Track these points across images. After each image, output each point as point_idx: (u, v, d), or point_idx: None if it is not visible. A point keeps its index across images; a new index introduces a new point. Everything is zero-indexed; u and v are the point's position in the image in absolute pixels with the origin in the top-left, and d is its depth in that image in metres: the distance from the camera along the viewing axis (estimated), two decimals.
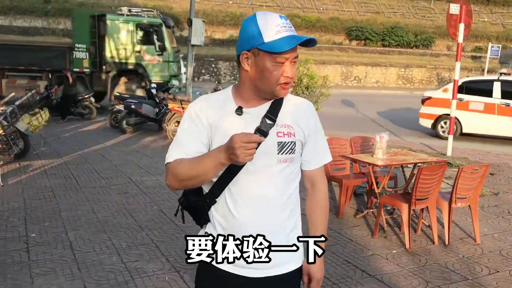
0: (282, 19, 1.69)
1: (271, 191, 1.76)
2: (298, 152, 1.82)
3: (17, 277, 3.74)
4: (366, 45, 36.72)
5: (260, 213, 1.75)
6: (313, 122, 1.85)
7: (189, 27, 12.89)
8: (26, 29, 28.52)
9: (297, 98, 1.90)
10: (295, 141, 1.78)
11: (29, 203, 5.61)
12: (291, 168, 1.80)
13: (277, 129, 1.75)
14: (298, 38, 1.66)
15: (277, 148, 1.74)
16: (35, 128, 8.35)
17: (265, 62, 1.67)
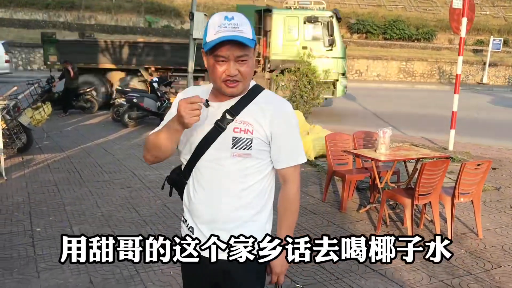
0: (225, 20, 1.77)
1: (225, 182, 1.87)
2: (259, 149, 1.87)
3: (24, 271, 3.77)
4: (367, 39, 36.62)
5: (212, 200, 1.89)
6: (279, 123, 1.88)
7: (190, 20, 12.82)
8: (27, 22, 28.48)
9: (273, 99, 1.95)
10: (252, 138, 1.85)
11: (33, 197, 5.64)
12: (249, 163, 1.87)
13: (235, 125, 1.85)
14: (226, 38, 1.73)
15: (231, 142, 1.85)
16: (38, 122, 8.37)
17: (209, 61, 1.82)
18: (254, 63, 1.88)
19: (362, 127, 10.70)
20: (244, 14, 1.82)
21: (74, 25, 29.23)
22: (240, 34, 1.76)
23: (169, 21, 33.70)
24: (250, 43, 1.78)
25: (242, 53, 1.78)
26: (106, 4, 32.73)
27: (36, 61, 24.90)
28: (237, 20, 1.78)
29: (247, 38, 1.77)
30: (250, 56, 1.82)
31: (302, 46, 13.05)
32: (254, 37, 1.83)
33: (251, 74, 1.86)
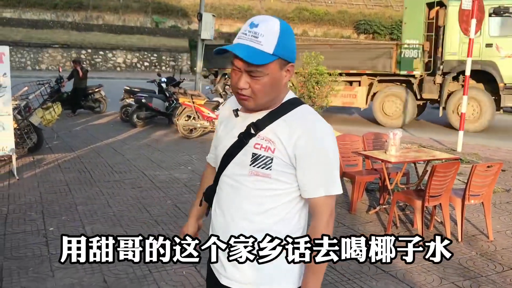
0: (249, 27, 1.60)
1: (240, 202, 1.72)
2: (280, 170, 1.66)
3: (38, 270, 3.82)
4: (374, 39, 36.61)
5: (226, 219, 1.75)
6: (306, 144, 1.63)
7: (199, 21, 12.91)
8: (35, 22, 28.68)
9: (306, 116, 1.71)
10: (272, 157, 1.65)
11: (46, 197, 5.70)
12: (268, 185, 1.67)
13: (257, 141, 1.68)
14: (229, 48, 1.58)
15: (250, 158, 1.68)
16: (48, 122, 8.44)
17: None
18: (279, 80, 1.65)
19: (372, 129, 10.72)
20: (413, 8, 1.48)
21: (82, 25, 29.40)
22: (255, 46, 1.57)
23: (176, 21, 33.85)
24: (258, 59, 1.56)
25: (253, 68, 1.58)
26: (113, 4, 32.92)
27: (44, 61, 25.08)
28: (261, 28, 1.57)
29: (259, 52, 1.56)
30: (266, 72, 1.59)
31: (486, 43, 11.29)
32: (279, 51, 1.59)
33: (266, 91, 1.63)
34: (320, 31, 36.90)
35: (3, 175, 6.59)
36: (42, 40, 25.29)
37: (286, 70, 1.66)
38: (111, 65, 26.53)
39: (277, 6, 37.12)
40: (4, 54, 6.28)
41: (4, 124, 6.37)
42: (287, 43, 1.61)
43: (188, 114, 9.95)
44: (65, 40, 26.06)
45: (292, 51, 1.65)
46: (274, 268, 1.69)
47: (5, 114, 6.37)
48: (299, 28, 36.56)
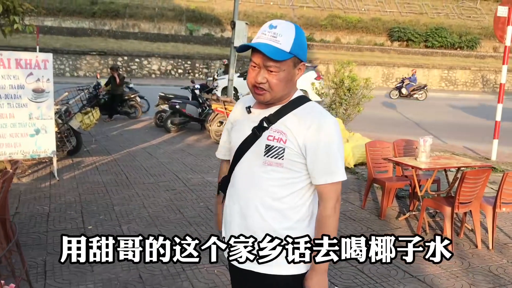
0: (268, 28, 1.79)
1: (255, 190, 1.87)
2: (291, 160, 1.82)
3: (78, 265, 4.01)
4: (408, 46, 36.22)
5: (241, 207, 1.91)
6: (314, 135, 1.80)
7: (232, 29, 13.11)
8: (74, 30, 29.61)
9: (314, 110, 1.87)
10: (284, 147, 1.81)
11: (84, 197, 5.95)
12: (281, 174, 1.83)
13: (269, 133, 1.84)
14: (253, 44, 1.76)
15: (264, 149, 1.84)
16: (87, 126, 8.76)
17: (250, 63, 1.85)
18: (292, 76, 1.84)
19: (402, 136, 10.66)
20: None
21: (118, 33, 30.19)
22: (274, 44, 1.75)
23: (209, 29, 34.33)
24: (278, 55, 1.74)
25: (272, 63, 1.76)
26: (149, 12, 33.68)
27: (82, 68, 25.84)
28: (279, 29, 1.77)
29: (277, 49, 1.74)
30: (282, 68, 1.78)
31: None
32: (295, 49, 1.78)
33: (282, 86, 1.81)
34: (353, 38, 36.73)
35: (44, 176, 6.90)
36: (80, 48, 26.07)
37: (298, 68, 1.85)
38: (146, 72, 27.11)
39: (309, 14, 37.18)
40: (47, 61, 6.59)
41: (46, 128, 6.68)
42: (301, 44, 1.81)
43: (220, 120, 10.15)
44: (103, 47, 26.80)
45: (304, 51, 1.84)
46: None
47: (47, 118, 6.68)
48: (331, 35, 36.51)
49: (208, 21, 34.49)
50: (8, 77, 6.30)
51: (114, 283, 3.75)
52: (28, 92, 6.45)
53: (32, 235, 4.65)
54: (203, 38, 32.02)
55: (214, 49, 29.54)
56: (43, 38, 25.40)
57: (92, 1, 33.10)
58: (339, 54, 30.79)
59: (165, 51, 27.89)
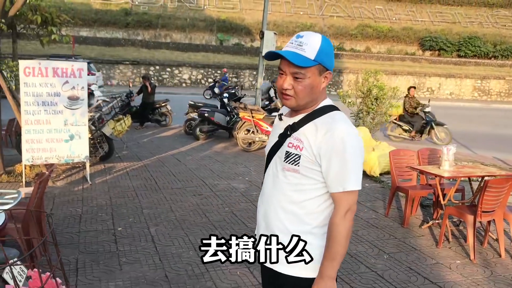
0: (295, 37, 1.90)
1: (275, 193, 1.99)
2: (307, 167, 1.89)
3: (108, 264, 4.23)
4: (440, 56, 35.74)
5: (265, 208, 2.05)
6: (328, 144, 1.85)
7: (261, 39, 13.31)
8: (109, 40, 30.44)
9: (332, 120, 1.90)
10: (300, 154, 1.89)
11: (115, 201, 6.19)
12: (298, 180, 1.92)
13: (290, 140, 1.94)
14: (277, 51, 1.88)
15: (284, 156, 1.95)
16: (119, 133, 9.06)
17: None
18: (317, 84, 1.90)
19: (430, 145, 10.61)
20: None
21: (151, 43, 30.88)
22: (299, 52, 1.84)
23: (239, 39, 34.74)
24: (302, 62, 1.82)
25: (297, 70, 1.85)
26: (181, 23, 34.34)
27: (115, 77, 26.55)
28: (305, 39, 1.86)
29: (302, 57, 1.83)
30: (307, 75, 1.86)
31: None
32: (319, 58, 1.85)
33: (307, 92, 1.89)
34: (383, 48, 36.51)
35: (78, 180, 7.19)
36: (114, 57, 26.82)
37: (324, 76, 1.92)
38: (177, 81, 27.64)
39: (340, 23, 37.19)
40: (82, 69, 6.91)
41: (80, 134, 6.98)
42: (327, 52, 1.88)
43: (248, 128, 10.32)
44: (135, 57, 27.49)
45: (330, 60, 1.91)
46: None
47: (81, 125, 6.98)
48: (362, 45, 36.39)
49: (238, 31, 34.91)
50: (46, 85, 6.63)
51: (141, 281, 3.92)
52: (64, 99, 6.76)
53: (65, 235, 4.89)
54: (233, 47, 32.41)
55: (243, 59, 29.88)
56: (79, 48, 26.26)
57: (126, 12, 34.03)
58: (369, 63, 30.66)
59: (195, 61, 28.38)
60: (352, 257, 4.63)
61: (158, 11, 35.22)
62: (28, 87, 6.52)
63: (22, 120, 6.60)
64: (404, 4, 39.82)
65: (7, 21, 6.90)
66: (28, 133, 6.62)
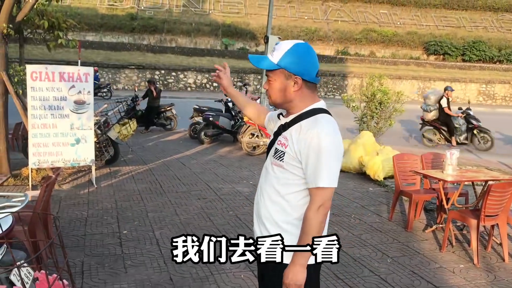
0: (275, 44, 2.11)
1: (266, 186, 2.19)
2: (289, 163, 2.07)
3: (113, 266, 4.27)
4: (445, 60, 35.69)
5: (257, 199, 2.26)
6: (305, 143, 2.00)
7: (265, 44, 13.37)
8: (114, 45, 30.58)
9: (315, 121, 2.04)
10: (284, 151, 2.08)
11: (120, 204, 6.24)
12: (282, 174, 2.10)
13: (279, 138, 2.15)
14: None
15: (273, 152, 2.16)
16: (124, 137, 9.12)
17: None
18: (285, 86, 2.08)
19: (434, 150, 10.61)
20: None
21: (156, 48, 31.02)
22: (269, 57, 2.08)
23: (244, 43, 34.83)
24: (263, 64, 2.07)
25: (267, 73, 2.11)
26: (186, 27, 34.49)
27: (121, 81, 26.67)
28: (278, 45, 2.08)
29: (266, 60, 2.07)
30: (274, 78, 2.09)
31: None
32: (282, 62, 2.03)
33: (275, 94, 2.11)
34: (388, 52, 36.51)
35: (83, 183, 7.25)
36: (119, 62, 26.94)
37: (293, 80, 2.06)
38: (182, 85, 27.73)
39: (344, 28, 37.22)
40: (89, 74, 6.98)
41: (86, 138, 7.04)
42: (294, 58, 2.03)
43: (252, 132, 10.36)
44: (141, 61, 27.61)
45: (298, 65, 2.03)
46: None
47: (87, 129, 7.04)
48: (366, 49, 36.40)
49: (243, 36, 35.02)
50: (52, 89, 6.70)
51: (146, 284, 3.96)
52: (70, 103, 6.83)
53: (71, 238, 4.93)
54: (238, 52, 32.50)
55: (248, 63, 29.87)
56: (85, 52, 26.40)
57: (132, 17, 34.21)
58: (374, 67, 30.67)
59: (201, 65, 28.48)
60: (355, 260, 4.65)
61: (163, 16, 35.40)
62: (35, 91, 6.59)
63: (29, 124, 6.67)
64: (409, 8, 39.83)
65: (15, 26, 6.98)
66: (35, 137, 6.69)
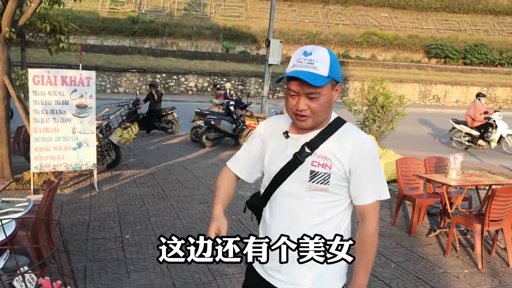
0: (303, 55, 1.81)
1: (300, 213, 1.89)
2: (336, 184, 1.86)
3: (116, 271, 4.25)
4: (446, 63, 35.68)
5: (287, 228, 1.88)
6: (359, 159, 1.85)
7: (267, 47, 13.38)
8: (115, 48, 30.61)
9: (353, 133, 1.91)
10: (329, 173, 1.85)
11: (122, 208, 6.22)
12: (326, 198, 1.87)
13: (313, 159, 1.87)
14: (292, 74, 1.78)
15: (309, 176, 1.86)
16: (126, 140, 9.13)
17: (286, 91, 1.88)
18: (331, 98, 1.87)
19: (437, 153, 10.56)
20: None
21: (157, 51, 31.04)
22: (313, 71, 1.78)
23: (245, 47, 34.84)
24: (319, 81, 1.77)
25: (312, 90, 1.79)
26: (187, 31, 34.51)
27: (122, 84, 26.68)
28: (314, 55, 1.80)
29: (317, 76, 1.78)
30: (323, 93, 1.81)
31: None
32: (332, 73, 1.81)
33: (324, 110, 1.84)
34: (389, 55, 36.50)
35: (85, 187, 7.24)
36: (121, 65, 26.96)
37: (335, 89, 1.89)
38: (183, 88, 27.74)
39: (345, 31, 37.23)
40: (91, 78, 6.97)
41: (88, 141, 7.03)
42: (336, 66, 1.85)
43: None
44: (142, 65, 27.62)
45: (339, 72, 1.88)
46: (332, 268, 1.87)
47: (89, 133, 7.03)
48: (367, 52, 36.40)
49: (244, 39, 35.03)
50: (54, 93, 6.69)
51: None
52: (72, 107, 6.82)
53: (73, 243, 4.91)
54: (239, 55, 32.51)
55: (249, 67, 29.97)
56: (86, 56, 26.42)
57: (133, 20, 34.24)
58: (375, 71, 30.67)
59: (202, 69, 28.49)
60: None
61: (164, 19, 35.43)
62: (37, 95, 6.58)
63: (31, 128, 6.66)
64: (410, 12, 39.84)
65: (17, 30, 6.98)
66: (37, 141, 6.68)
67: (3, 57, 6.87)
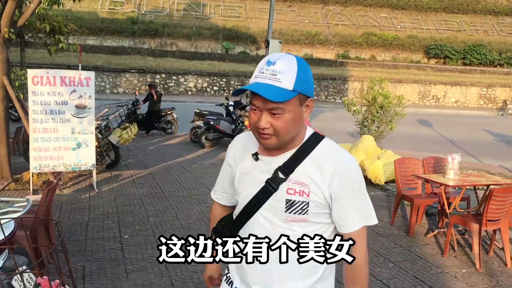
0: (266, 65, 1.56)
1: (274, 248, 1.61)
2: (316, 213, 1.63)
3: (115, 271, 4.26)
4: (445, 64, 35.72)
5: (264, 266, 1.65)
6: (340, 183, 1.60)
7: (266, 48, 13.39)
8: (115, 49, 30.61)
9: (331, 153, 1.66)
10: (308, 201, 1.61)
11: (121, 209, 6.23)
12: (306, 228, 1.64)
13: (289, 185, 1.62)
14: (249, 87, 1.53)
15: (284, 205, 1.63)
16: (125, 141, 9.14)
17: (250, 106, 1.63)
18: (299, 116, 1.59)
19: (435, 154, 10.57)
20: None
21: (157, 51, 31.06)
22: (275, 83, 1.52)
23: (245, 47, 34.87)
24: (280, 96, 1.50)
25: (274, 105, 1.52)
26: (187, 31, 34.55)
27: (121, 85, 26.69)
28: (278, 66, 1.53)
29: (279, 89, 1.51)
30: (287, 109, 1.54)
31: None
32: (299, 86, 1.54)
33: (289, 129, 1.57)
34: (388, 56, 36.54)
35: (84, 188, 7.25)
36: (120, 65, 26.95)
37: (306, 105, 1.62)
38: (183, 89, 27.75)
39: (345, 31, 37.27)
40: (90, 78, 6.98)
41: (87, 142, 7.04)
42: (305, 78, 1.57)
43: None
44: (141, 65, 27.62)
45: (310, 85, 1.61)
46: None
47: (88, 133, 7.04)
48: (367, 53, 36.44)
49: (243, 40, 35.06)
50: (53, 94, 6.71)
51: None
52: (71, 108, 6.83)
53: (72, 243, 4.92)
54: (238, 56, 32.52)
55: (249, 67, 29.98)
56: (85, 56, 26.43)
57: (132, 21, 34.26)
58: (374, 71, 30.70)
59: (201, 69, 28.50)
60: None
61: (164, 20, 35.46)
62: (36, 95, 6.60)
63: (30, 128, 6.67)
64: (409, 12, 39.89)
65: (16, 31, 6.99)
66: (36, 141, 6.69)
67: (3, 58, 6.89)
